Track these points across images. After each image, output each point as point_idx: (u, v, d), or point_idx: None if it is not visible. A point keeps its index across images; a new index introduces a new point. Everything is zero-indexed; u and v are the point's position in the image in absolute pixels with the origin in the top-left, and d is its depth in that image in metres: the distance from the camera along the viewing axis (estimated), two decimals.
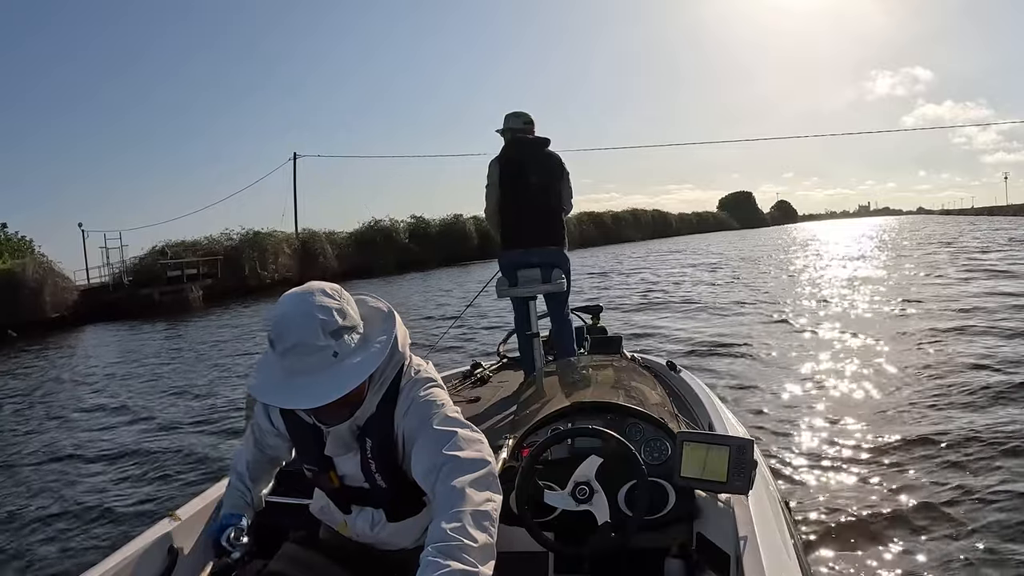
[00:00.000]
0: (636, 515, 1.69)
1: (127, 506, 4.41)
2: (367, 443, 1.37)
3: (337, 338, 1.24)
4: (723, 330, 9.12)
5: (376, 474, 1.39)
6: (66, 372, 11.25)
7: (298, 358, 1.22)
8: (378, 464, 1.38)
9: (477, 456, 1.24)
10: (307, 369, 1.22)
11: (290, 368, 1.23)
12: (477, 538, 1.08)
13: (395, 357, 1.37)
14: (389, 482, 1.40)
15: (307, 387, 1.22)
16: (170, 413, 7.06)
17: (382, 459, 1.38)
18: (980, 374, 5.61)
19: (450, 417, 1.32)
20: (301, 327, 1.22)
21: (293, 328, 1.22)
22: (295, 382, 1.23)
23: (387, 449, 1.37)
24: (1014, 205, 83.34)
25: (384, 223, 37.87)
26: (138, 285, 24.30)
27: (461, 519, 1.10)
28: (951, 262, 17.23)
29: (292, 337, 1.21)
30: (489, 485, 1.20)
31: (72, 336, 17.65)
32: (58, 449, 6.05)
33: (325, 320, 1.23)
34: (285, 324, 1.23)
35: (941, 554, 2.87)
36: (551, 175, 3.62)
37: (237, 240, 29.64)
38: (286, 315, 1.24)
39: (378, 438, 1.37)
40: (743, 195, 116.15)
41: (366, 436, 1.37)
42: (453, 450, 1.23)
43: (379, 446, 1.37)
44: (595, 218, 55.01)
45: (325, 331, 1.22)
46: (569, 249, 3.73)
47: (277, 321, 1.24)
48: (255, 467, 1.60)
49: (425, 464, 1.25)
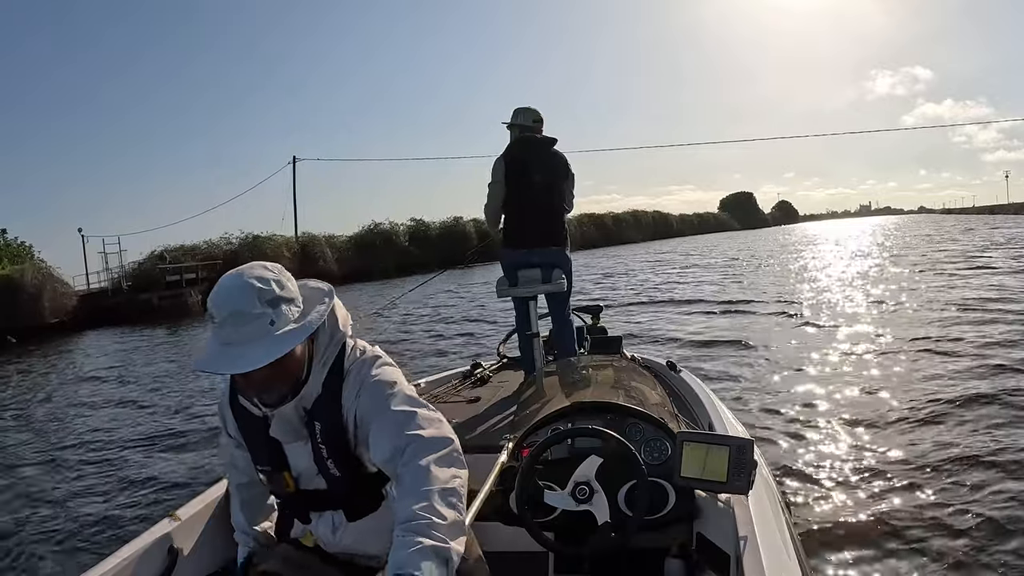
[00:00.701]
0: (636, 515, 1.69)
1: (125, 508, 4.41)
2: (316, 427, 1.35)
3: (274, 307, 1.24)
4: (723, 330, 9.11)
5: (328, 460, 1.36)
6: (64, 377, 11.24)
7: (234, 328, 1.21)
8: (329, 449, 1.35)
9: (439, 435, 1.24)
10: (243, 339, 1.21)
11: (226, 338, 1.22)
12: (446, 515, 1.09)
13: (336, 335, 1.37)
14: (342, 469, 1.37)
15: (242, 353, 1.21)
16: (168, 416, 7.05)
17: (332, 443, 1.35)
18: (981, 374, 5.60)
19: (407, 396, 1.32)
20: (237, 296, 1.21)
21: (229, 298, 1.22)
22: (231, 351, 1.22)
23: (337, 433, 1.35)
24: (1015, 203, 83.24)
25: (384, 226, 37.88)
26: (137, 290, 24.26)
27: (428, 497, 1.11)
28: (954, 260, 17.22)
29: (228, 306, 1.21)
30: (453, 462, 1.21)
31: (71, 341, 17.63)
32: (56, 453, 6.05)
33: (262, 289, 1.23)
34: (222, 295, 1.23)
35: (942, 554, 2.86)
36: (556, 175, 3.62)
37: (236, 244, 29.71)
38: (223, 286, 1.24)
39: (327, 421, 1.35)
40: (744, 195, 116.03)
41: (314, 420, 1.35)
42: (414, 430, 1.23)
43: (329, 430, 1.35)
44: (595, 219, 54.95)
45: (262, 300, 1.22)
46: (570, 250, 3.73)
47: (215, 293, 1.24)
48: (250, 506, 1.61)
49: (386, 447, 1.25)
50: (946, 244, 25.89)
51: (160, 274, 24.89)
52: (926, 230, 43.51)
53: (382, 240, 36.68)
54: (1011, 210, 70.81)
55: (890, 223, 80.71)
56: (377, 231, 37.29)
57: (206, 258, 27.70)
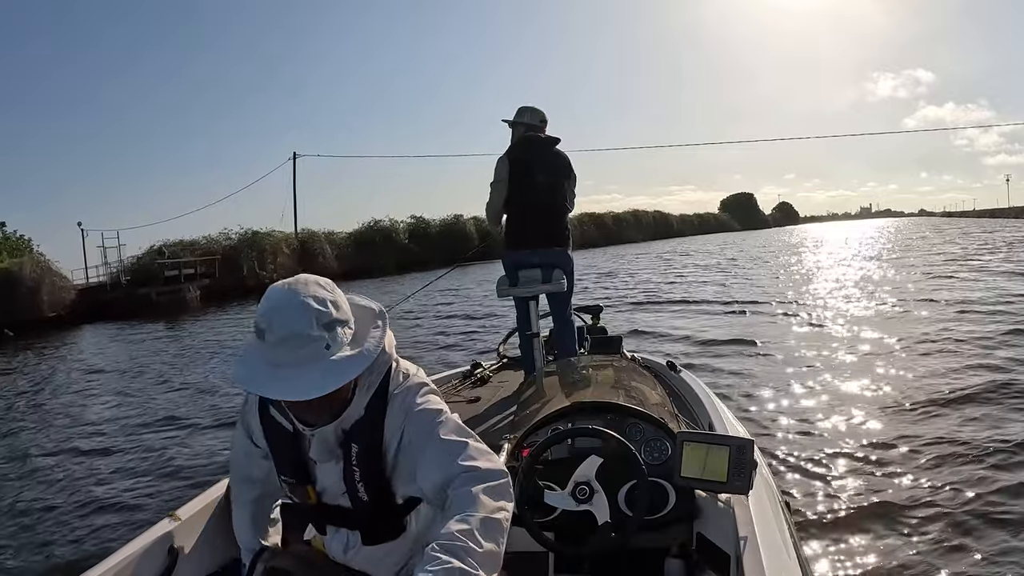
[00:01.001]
0: (636, 515, 1.69)
1: (125, 507, 4.40)
2: (352, 449, 1.32)
3: (330, 330, 1.19)
4: (724, 330, 9.11)
5: (359, 483, 1.33)
6: (61, 371, 11.24)
7: (289, 350, 1.16)
8: (362, 472, 1.32)
9: (493, 467, 1.22)
10: (297, 361, 1.16)
11: (278, 359, 1.17)
12: (483, 544, 1.07)
13: (382, 358, 1.31)
14: (371, 494, 1.34)
15: (298, 378, 1.16)
16: (164, 413, 7.03)
17: (367, 467, 1.32)
18: (982, 374, 5.60)
19: (458, 426, 1.30)
20: (294, 317, 1.16)
21: (286, 318, 1.16)
22: (284, 374, 1.16)
23: (373, 457, 1.32)
24: (1016, 207, 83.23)
25: (384, 223, 37.88)
26: (136, 285, 24.24)
27: (470, 523, 1.09)
28: (954, 262, 17.22)
29: (285, 327, 1.15)
30: (503, 495, 1.18)
31: (69, 335, 17.63)
32: (53, 448, 6.05)
33: (320, 311, 1.17)
34: (277, 313, 1.17)
35: (942, 554, 2.86)
36: (558, 175, 3.62)
37: (236, 240, 29.60)
38: (279, 304, 1.18)
39: (364, 444, 1.32)
40: (744, 196, 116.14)
41: (352, 442, 1.32)
42: (468, 460, 1.21)
43: (365, 453, 1.32)
44: (596, 219, 54.98)
45: (319, 322, 1.17)
46: (572, 250, 3.73)
47: (268, 310, 1.18)
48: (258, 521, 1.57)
49: (437, 474, 1.22)
50: (945, 247, 25.91)
51: (158, 269, 24.84)
52: (925, 232, 43.51)
53: (382, 237, 36.70)
54: (1012, 214, 70.79)
55: (890, 225, 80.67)
56: (377, 228, 37.29)
57: (205, 253, 27.66)
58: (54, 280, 21.79)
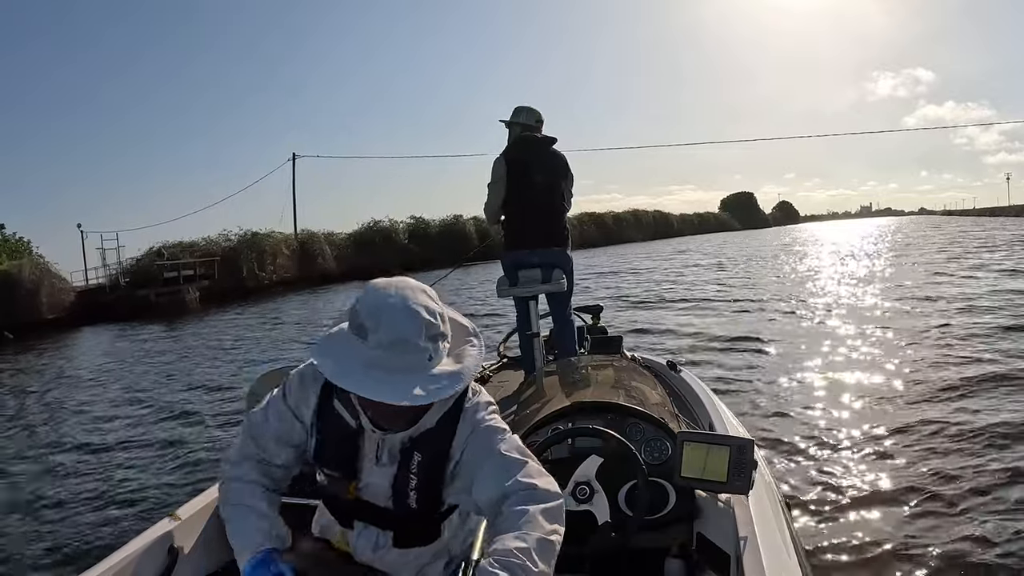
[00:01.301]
0: (636, 515, 1.70)
1: (123, 507, 4.40)
2: (414, 457, 1.31)
3: (434, 342, 1.18)
4: (725, 330, 9.11)
5: (412, 492, 1.32)
6: (59, 373, 11.19)
7: (395, 354, 1.14)
8: (419, 481, 1.32)
9: (550, 489, 1.23)
10: (400, 367, 1.15)
11: (379, 362, 1.14)
12: (539, 565, 1.09)
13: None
14: (420, 503, 1.33)
15: (399, 384, 1.14)
16: (162, 414, 7.01)
17: (425, 477, 1.32)
18: (983, 374, 5.59)
19: (519, 445, 1.31)
20: (405, 324, 1.14)
21: (396, 323, 1.14)
22: (380, 375, 1.14)
23: (436, 468, 1.32)
24: (1016, 206, 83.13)
25: (383, 224, 37.64)
26: (135, 286, 24.05)
27: (528, 542, 1.10)
28: (953, 260, 17.22)
29: (393, 332, 1.14)
30: (557, 518, 1.20)
31: (68, 337, 17.57)
32: (48, 450, 6.03)
33: (430, 322, 1.16)
34: (388, 317, 1.14)
35: (942, 554, 2.86)
36: (555, 175, 3.62)
37: (235, 241, 29.41)
38: (389, 308, 1.15)
39: (429, 454, 1.31)
40: (744, 196, 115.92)
41: (415, 450, 1.31)
42: (527, 478, 1.23)
43: (428, 463, 1.31)
44: (595, 219, 54.83)
45: (427, 333, 1.16)
46: (571, 250, 3.73)
47: (376, 311, 1.15)
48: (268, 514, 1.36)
49: (494, 488, 1.23)
50: (944, 244, 25.91)
51: (158, 271, 24.68)
52: (925, 231, 43.52)
53: (381, 238, 36.44)
54: (1012, 212, 70.76)
55: (890, 224, 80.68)
56: (376, 229, 37.05)
57: (204, 255, 27.48)
58: (53, 282, 21.70)
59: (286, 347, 11.34)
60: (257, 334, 13.57)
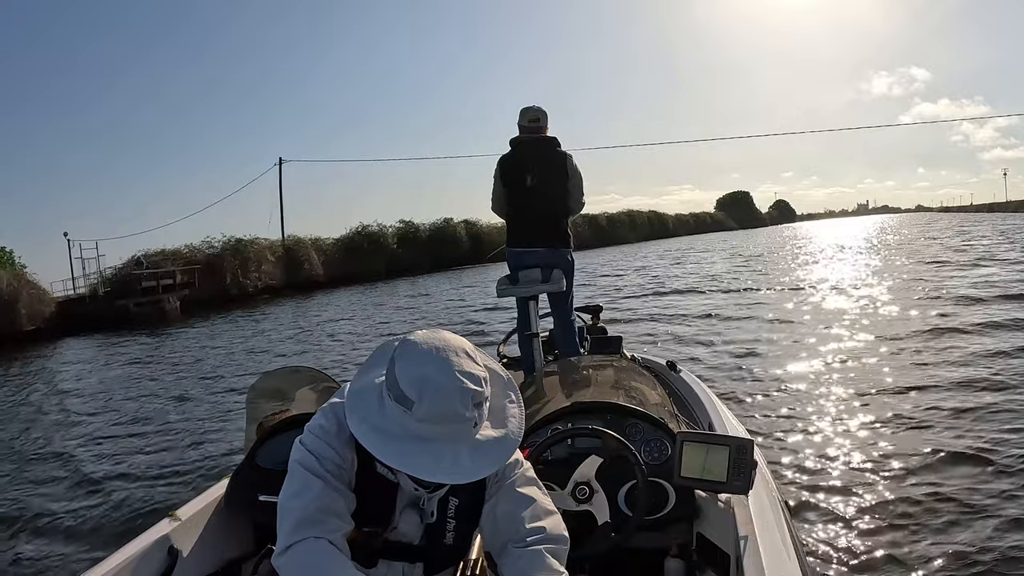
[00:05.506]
0: (636, 515, 1.70)
1: (119, 507, 4.40)
2: (450, 502, 1.32)
3: (479, 408, 1.15)
4: (724, 330, 9.12)
5: (449, 534, 1.32)
6: (37, 384, 10.96)
7: (440, 426, 1.11)
8: (457, 524, 1.32)
9: (559, 532, 1.28)
10: (443, 436, 1.12)
11: (421, 433, 1.11)
12: None
13: None
14: (457, 540, 1.33)
15: (449, 455, 1.12)
16: (139, 426, 6.88)
17: (463, 519, 1.33)
18: (983, 373, 5.59)
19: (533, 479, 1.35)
20: (452, 398, 1.10)
21: (442, 398, 1.10)
22: (424, 447, 1.11)
23: (472, 512, 1.33)
24: (1014, 201, 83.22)
25: (372, 228, 36.65)
26: (114, 296, 23.34)
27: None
28: (950, 258, 17.23)
29: (438, 406, 1.10)
30: (562, 559, 1.25)
31: (46, 348, 17.22)
32: (35, 460, 5.97)
33: (476, 392, 1.12)
34: (433, 390, 1.10)
35: (942, 554, 2.86)
36: (551, 176, 3.59)
37: (219, 248, 28.60)
38: (434, 381, 1.11)
39: (467, 499, 1.32)
40: (741, 195, 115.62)
41: (451, 495, 1.32)
42: (539, 519, 1.28)
43: (465, 508, 1.33)
44: (589, 219, 54.22)
45: (473, 402, 1.12)
46: (573, 250, 3.73)
47: (423, 382, 1.10)
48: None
49: (506, 526, 1.27)
50: (943, 241, 25.94)
51: (135, 280, 23.80)
52: (922, 227, 43.54)
53: (369, 243, 35.52)
54: (1009, 208, 70.88)
55: (887, 221, 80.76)
56: (365, 233, 36.08)
57: (187, 262, 26.74)
58: (32, 293, 21.03)
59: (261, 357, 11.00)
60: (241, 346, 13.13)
